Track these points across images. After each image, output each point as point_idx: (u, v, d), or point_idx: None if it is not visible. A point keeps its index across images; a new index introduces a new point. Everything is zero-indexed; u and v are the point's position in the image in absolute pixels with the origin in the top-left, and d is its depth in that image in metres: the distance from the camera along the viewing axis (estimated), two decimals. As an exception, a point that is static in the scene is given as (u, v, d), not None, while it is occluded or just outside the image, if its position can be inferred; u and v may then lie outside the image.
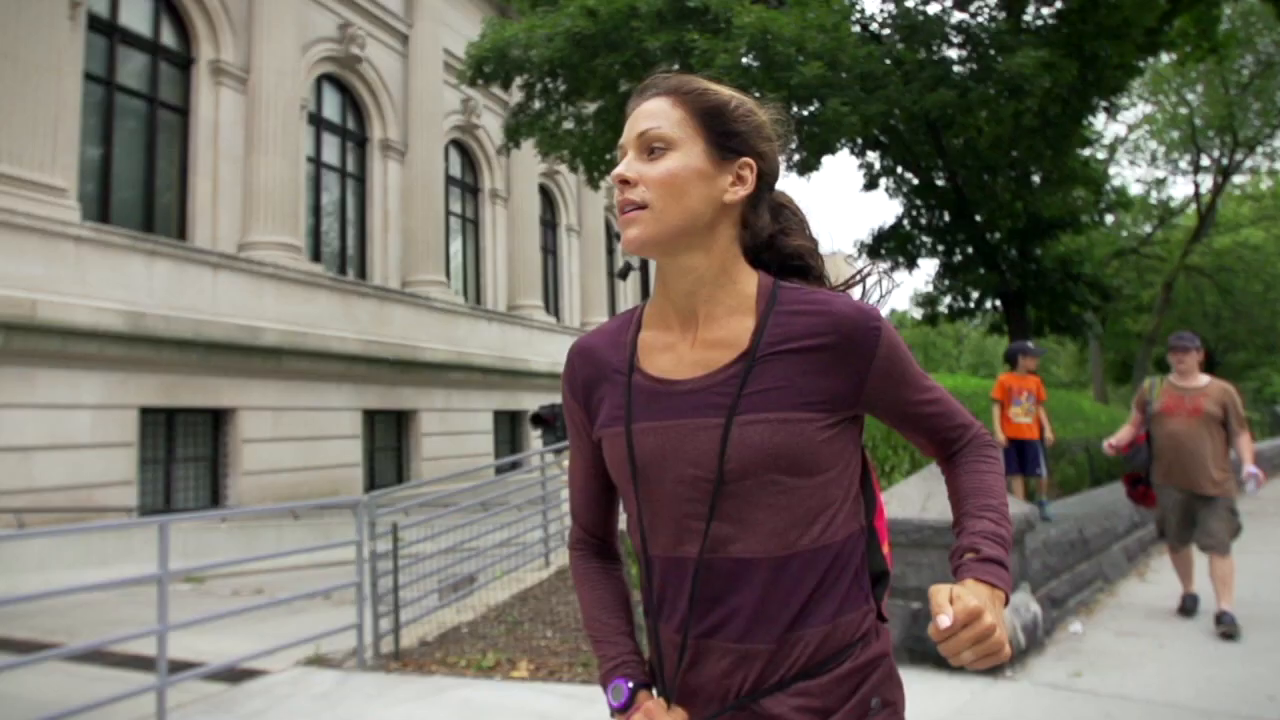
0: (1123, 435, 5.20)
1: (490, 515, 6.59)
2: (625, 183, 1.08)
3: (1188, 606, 5.20)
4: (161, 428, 12.98)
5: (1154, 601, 5.50)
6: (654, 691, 1.16)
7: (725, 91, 1.15)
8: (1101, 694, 3.71)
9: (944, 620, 0.95)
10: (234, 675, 5.00)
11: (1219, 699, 3.61)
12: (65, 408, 11.32)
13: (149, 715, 4.12)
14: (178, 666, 5.10)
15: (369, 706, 3.92)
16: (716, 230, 1.11)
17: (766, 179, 1.16)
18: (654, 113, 1.11)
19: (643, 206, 1.08)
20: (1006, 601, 1.06)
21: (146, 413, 12.55)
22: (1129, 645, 4.47)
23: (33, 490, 10.79)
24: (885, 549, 1.27)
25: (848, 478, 1.13)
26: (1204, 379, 5.04)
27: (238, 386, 13.81)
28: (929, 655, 4.09)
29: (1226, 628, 4.73)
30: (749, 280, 1.13)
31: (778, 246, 1.20)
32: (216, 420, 13.85)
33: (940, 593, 0.99)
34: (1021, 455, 6.47)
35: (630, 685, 1.14)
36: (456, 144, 21.71)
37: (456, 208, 21.63)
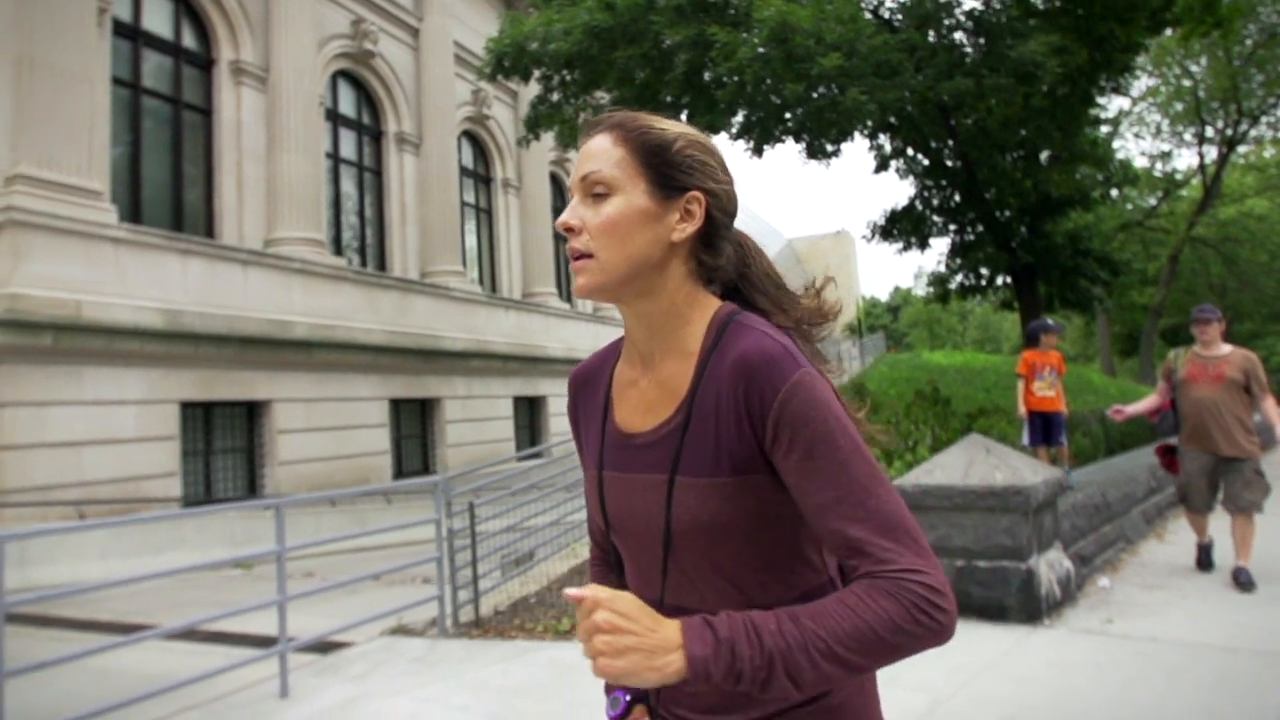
0: (1147, 403, 5.56)
1: (544, 495, 6.98)
2: (570, 230, 1.06)
3: (1204, 559, 5.56)
4: (200, 421, 13.39)
5: (1173, 560, 5.87)
6: (648, 703, 1.16)
7: (669, 126, 1.10)
8: (1133, 637, 4.09)
9: (571, 590, 0.96)
10: (323, 647, 5.39)
11: (1241, 639, 3.99)
12: (111, 404, 11.72)
13: (259, 680, 4.52)
14: (267, 641, 5.50)
15: (463, 667, 4.31)
16: (668, 270, 1.07)
17: (720, 211, 1.10)
18: (595, 153, 1.08)
19: (589, 255, 1.06)
20: (704, 672, 0.93)
21: (186, 407, 12.95)
22: (1154, 597, 4.85)
23: (84, 483, 11.20)
24: None
25: (804, 530, 1.05)
26: (1226, 348, 5.39)
27: (271, 379, 14.19)
28: (973, 607, 4.48)
29: (1244, 581, 5.10)
30: (702, 318, 1.08)
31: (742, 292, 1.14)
32: (251, 412, 14.25)
33: (592, 588, 0.98)
34: (1046, 426, 6.89)
35: (628, 698, 1.13)
36: (468, 135, 21.99)
37: (470, 198, 21.94)
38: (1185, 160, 50.01)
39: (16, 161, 11.29)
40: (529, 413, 21.46)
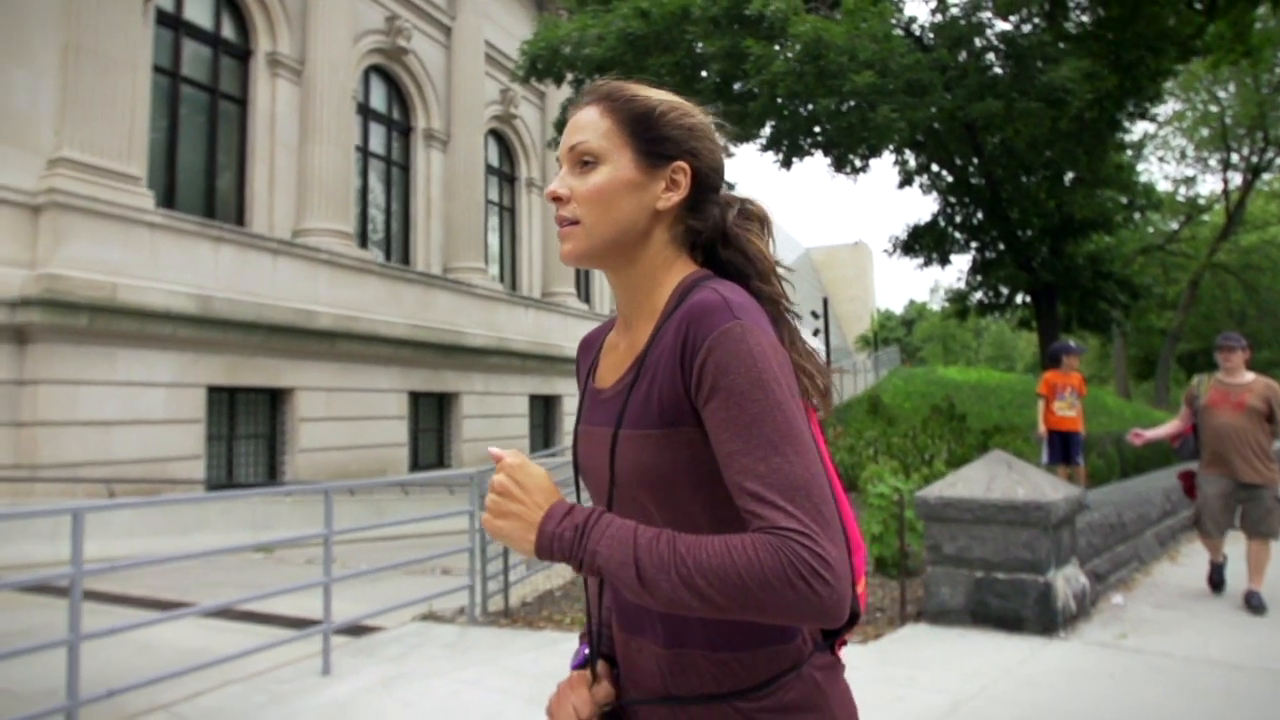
0: (1168, 428, 5.69)
1: (569, 494, 7.14)
2: (558, 199, 1.09)
3: (1216, 577, 5.67)
4: (225, 406, 13.62)
5: (1185, 582, 5.99)
6: (613, 663, 1.19)
7: (654, 96, 1.11)
8: (1145, 652, 4.23)
9: (494, 449, 1.03)
10: (354, 630, 5.57)
11: (1249, 656, 4.12)
12: (142, 385, 11.96)
13: (299, 659, 4.70)
14: (303, 623, 5.68)
15: (497, 653, 4.47)
16: (651, 237, 1.09)
17: (705, 179, 1.11)
18: (583, 125, 1.10)
19: (576, 222, 1.08)
20: (545, 546, 0.98)
21: (213, 391, 13.19)
22: (1166, 615, 4.97)
23: (113, 462, 11.44)
24: (859, 587, 1.12)
25: None
26: (1249, 375, 5.52)
27: (294, 367, 14.42)
28: (990, 617, 4.62)
29: (1255, 604, 5.22)
30: (673, 282, 1.10)
31: (713, 242, 1.14)
32: (274, 399, 14.47)
33: (512, 452, 1.04)
34: (1065, 446, 7.04)
35: (587, 651, 1.18)
36: (495, 134, 22.22)
37: (494, 196, 22.16)
38: (1209, 186, 49.77)
39: (59, 145, 11.56)
40: (544, 411, 21.65)
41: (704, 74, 12.30)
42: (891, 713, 3.46)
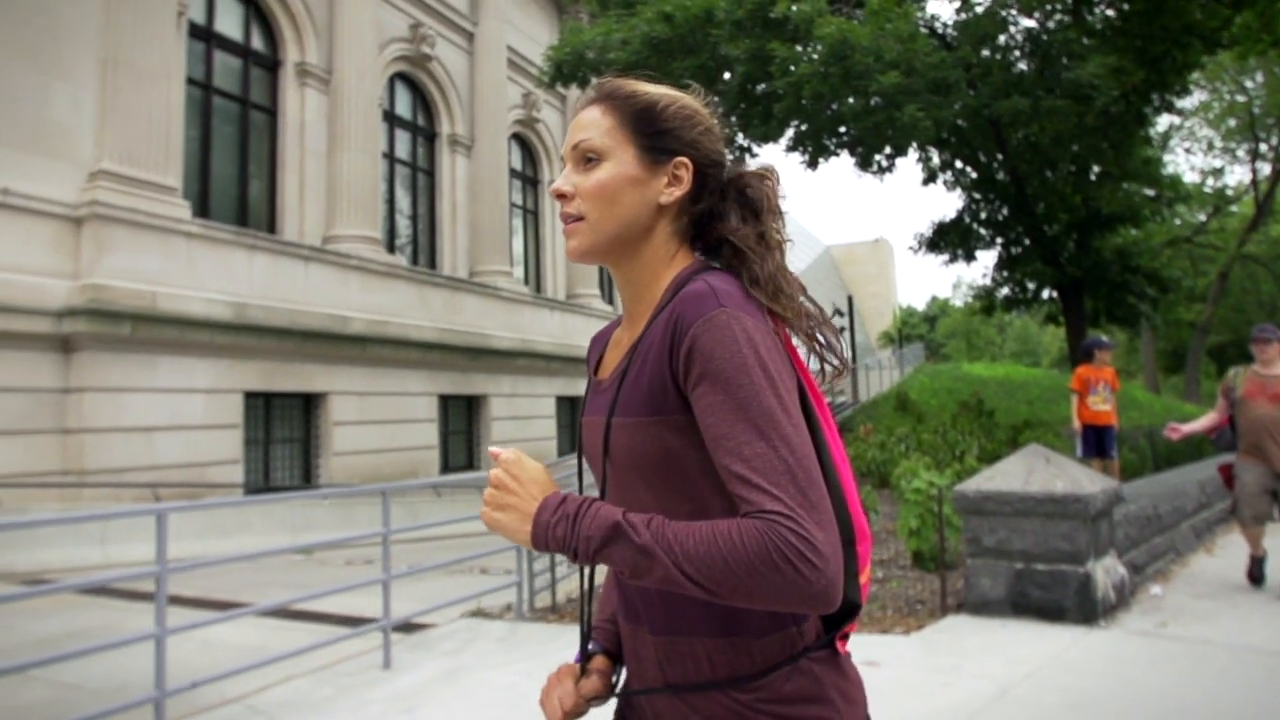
0: (1205, 421, 5.74)
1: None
2: (562, 196, 1.11)
3: (1256, 572, 5.70)
4: (261, 411, 13.88)
5: (1222, 573, 6.02)
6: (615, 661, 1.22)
7: (655, 91, 1.12)
8: (1186, 640, 4.30)
9: (493, 448, 1.06)
10: (405, 627, 5.73)
11: (1291, 646, 4.19)
12: (182, 392, 12.23)
13: (358, 654, 4.87)
14: (353, 620, 5.85)
15: (548, 647, 4.62)
16: (654, 232, 1.11)
17: (707, 173, 1.12)
18: (586, 123, 1.12)
19: (580, 218, 1.10)
20: (541, 536, 1.00)
21: (249, 397, 13.45)
22: (1205, 605, 5.03)
23: (156, 467, 11.72)
24: (863, 577, 1.12)
25: None
26: None
27: (328, 372, 14.67)
28: (1031, 607, 4.71)
29: (1293, 594, 5.26)
30: (671, 274, 1.11)
31: (713, 234, 1.13)
32: (308, 404, 14.73)
33: (511, 450, 1.07)
34: (1099, 439, 7.10)
35: (591, 646, 1.22)
36: (518, 138, 22.42)
37: (518, 199, 22.36)
38: (1237, 176, 49.12)
39: (100, 157, 11.85)
40: (571, 413, 21.82)
41: (727, 76, 12.41)
42: (940, 699, 3.56)
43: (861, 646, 4.38)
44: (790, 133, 11.86)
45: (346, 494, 9.00)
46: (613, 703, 1.21)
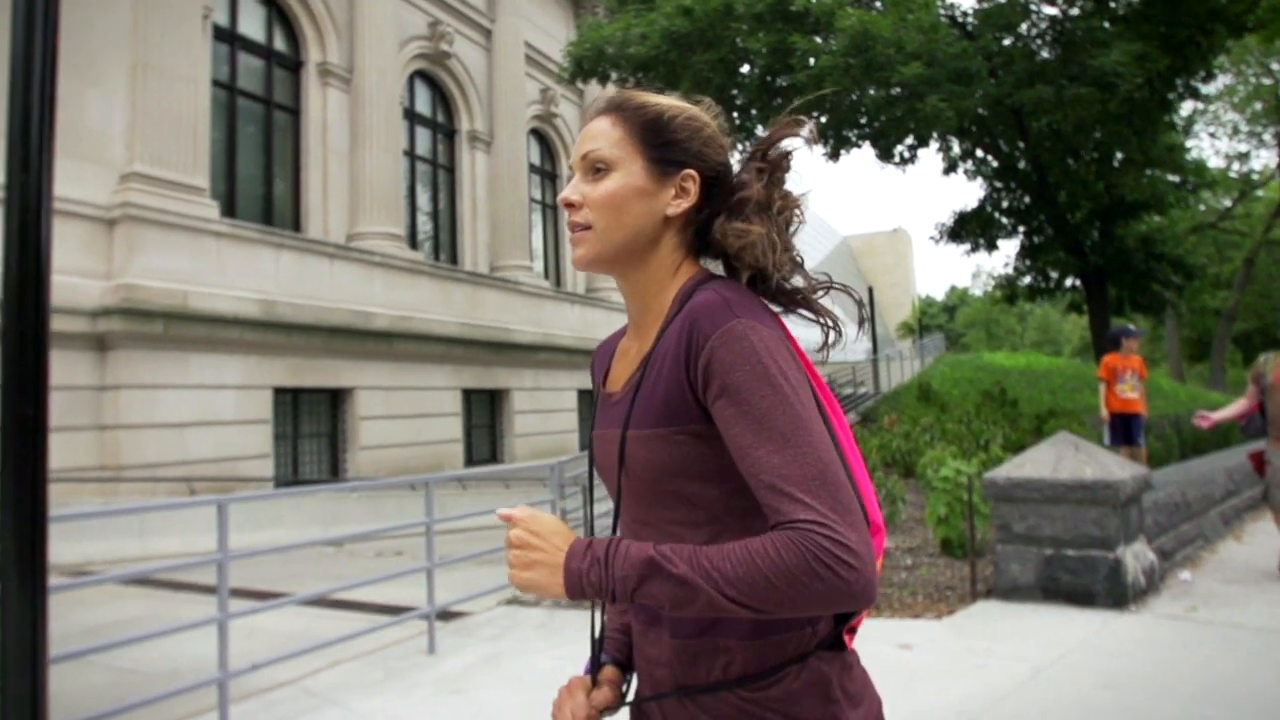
0: (1235, 408, 5.75)
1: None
2: (570, 205, 1.11)
3: (1287, 562, 5.72)
4: (290, 406, 14.10)
5: (1252, 560, 6.05)
6: (625, 672, 1.22)
7: (664, 103, 1.13)
8: (1216, 623, 4.35)
9: (501, 510, 1.06)
10: (445, 615, 5.86)
11: (1322, 629, 4.23)
12: (213, 388, 12.46)
13: (402, 639, 5.01)
14: (390, 609, 5.99)
15: (586, 634, 4.72)
16: (660, 243, 1.12)
17: (714, 185, 1.13)
18: (595, 134, 1.12)
19: (588, 227, 1.10)
20: (575, 584, 0.99)
21: (278, 393, 13.67)
22: (1234, 590, 5.07)
23: (188, 462, 11.95)
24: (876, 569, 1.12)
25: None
26: None
27: (354, 368, 14.87)
28: (1061, 592, 4.77)
29: (1323, 580, 5.28)
30: (677, 284, 1.12)
31: (715, 240, 1.12)
32: (335, 399, 14.94)
33: (521, 508, 1.06)
34: (1127, 427, 7.13)
35: (602, 658, 1.23)
36: (536, 133, 22.53)
37: (536, 194, 22.48)
38: (1263, 160, 48.36)
39: (131, 160, 12.07)
40: (592, 406, 21.90)
41: (745, 69, 12.44)
42: (975, 680, 3.64)
43: (894, 630, 4.47)
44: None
45: (388, 485, 9.14)
46: (624, 712, 1.22)
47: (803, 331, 1.16)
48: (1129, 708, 3.30)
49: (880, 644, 4.16)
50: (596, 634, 1.25)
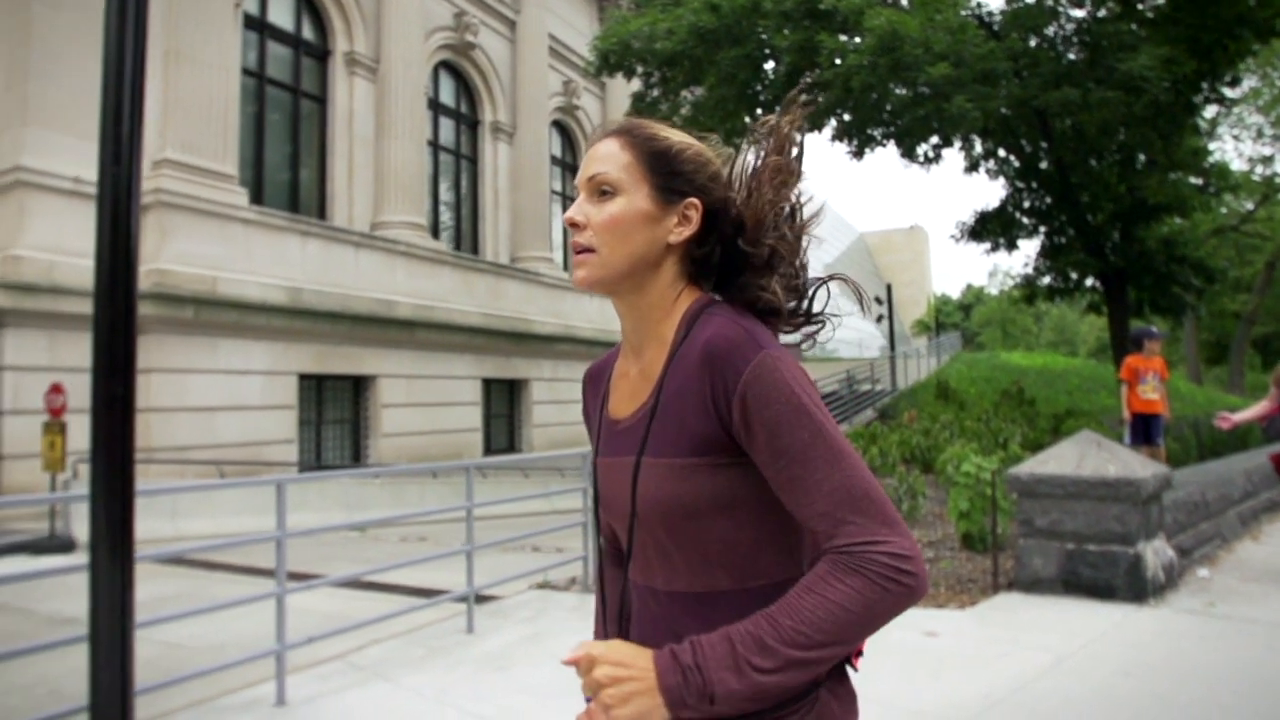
0: (1257, 409, 5.85)
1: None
2: (575, 225, 1.12)
3: (1304, 562, 5.83)
4: (314, 392, 14.32)
5: (1270, 559, 6.15)
6: None
7: (674, 136, 1.16)
8: (1234, 618, 4.46)
9: (567, 656, 1.00)
10: (478, 598, 6.03)
11: (1338, 627, 4.34)
12: (241, 373, 12.68)
13: (440, 620, 5.18)
14: (427, 592, 6.16)
15: (617, 615, 4.89)
16: (661, 268, 1.13)
17: (714, 217, 1.14)
18: (603, 156, 1.13)
19: (591, 250, 1.11)
20: (678, 700, 0.95)
21: (303, 379, 13.88)
22: (1252, 588, 5.17)
23: (217, 446, 12.18)
24: None
25: (771, 521, 1.07)
26: None
27: (377, 355, 15.07)
28: (1082, 586, 4.89)
29: (1340, 580, 5.37)
30: (680, 310, 1.13)
31: (736, 284, 1.14)
32: (358, 386, 15.15)
33: (585, 645, 1.01)
34: (1147, 428, 7.23)
35: None
36: (558, 125, 22.65)
37: (557, 186, 22.62)
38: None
39: (163, 147, 12.27)
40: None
41: (771, 66, 12.52)
42: (1001, 666, 3.78)
43: (919, 619, 4.60)
44: (833, 122, 11.96)
45: (432, 470, 9.35)
46: None
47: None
48: (1151, 694, 3.43)
49: (907, 631, 4.29)
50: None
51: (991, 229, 14.83)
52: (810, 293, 1.16)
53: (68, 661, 5.14)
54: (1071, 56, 10.22)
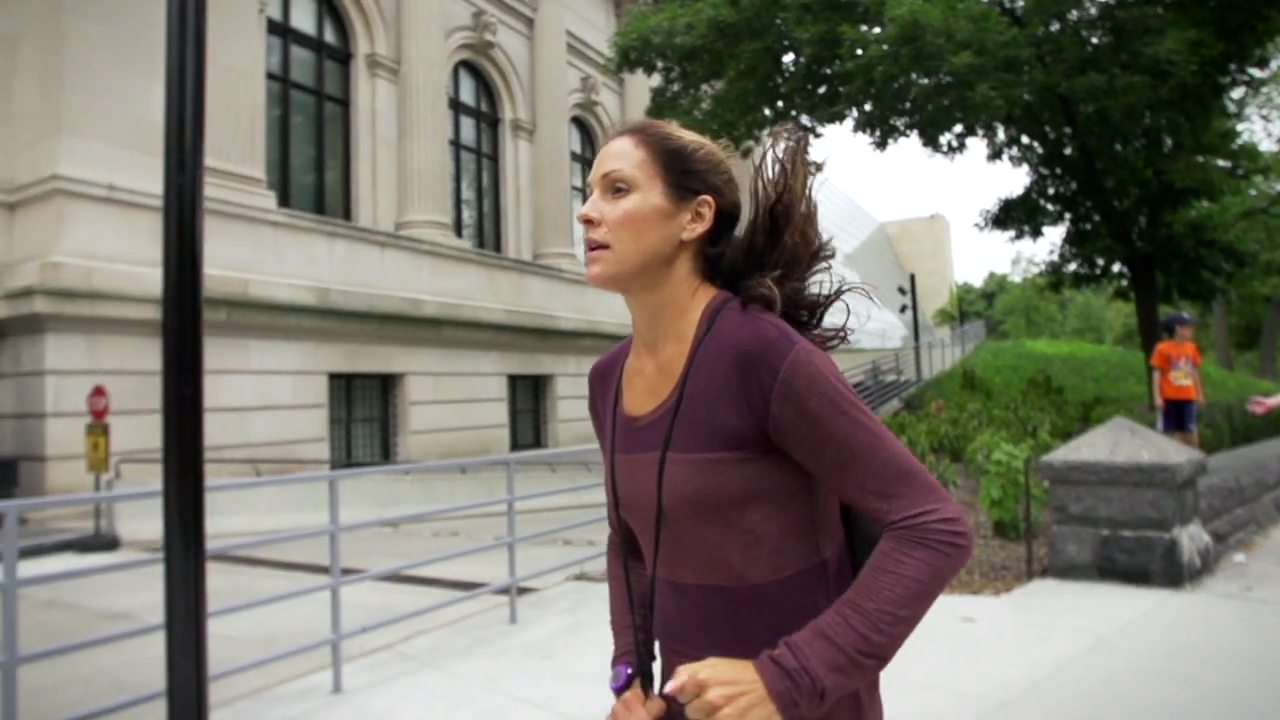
0: (1285, 394, 5.84)
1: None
2: (589, 222, 1.13)
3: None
4: (344, 391, 14.52)
5: (1304, 544, 6.14)
6: (651, 681, 1.21)
7: (687, 135, 1.17)
8: (1272, 602, 4.48)
9: (670, 684, 1.00)
10: (516, 590, 6.14)
11: (1378, 609, 4.34)
12: (272, 373, 12.88)
13: (480, 611, 5.29)
14: (466, 585, 6.27)
15: (655, 605, 4.98)
16: (674, 265, 1.14)
17: (727, 215, 1.16)
18: (618, 154, 1.14)
19: (605, 245, 1.12)
20: (789, 703, 0.98)
21: (333, 378, 14.08)
22: (1290, 573, 5.19)
23: (249, 445, 12.39)
24: None
25: (793, 510, 1.09)
26: None
27: (404, 354, 15.25)
28: (1117, 571, 4.92)
29: (1378, 563, 5.36)
30: (697, 308, 1.14)
31: (745, 286, 1.15)
32: (386, 384, 15.34)
33: (686, 670, 1.00)
34: (1179, 414, 7.22)
35: (629, 671, 1.20)
36: (577, 121, 22.73)
37: (578, 182, 22.71)
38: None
39: (193, 152, 12.46)
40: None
41: (791, 59, 12.52)
42: (1040, 649, 3.83)
43: (956, 605, 4.66)
44: (854, 113, 11.95)
45: (477, 463, 9.46)
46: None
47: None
48: (1192, 675, 3.47)
49: (943, 617, 4.35)
50: (643, 652, 1.24)
51: (1016, 216, 14.76)
52: (825, 304, 1.19)
53: (122, 655, 5.31)
54: (1095, 41, 10.15)
